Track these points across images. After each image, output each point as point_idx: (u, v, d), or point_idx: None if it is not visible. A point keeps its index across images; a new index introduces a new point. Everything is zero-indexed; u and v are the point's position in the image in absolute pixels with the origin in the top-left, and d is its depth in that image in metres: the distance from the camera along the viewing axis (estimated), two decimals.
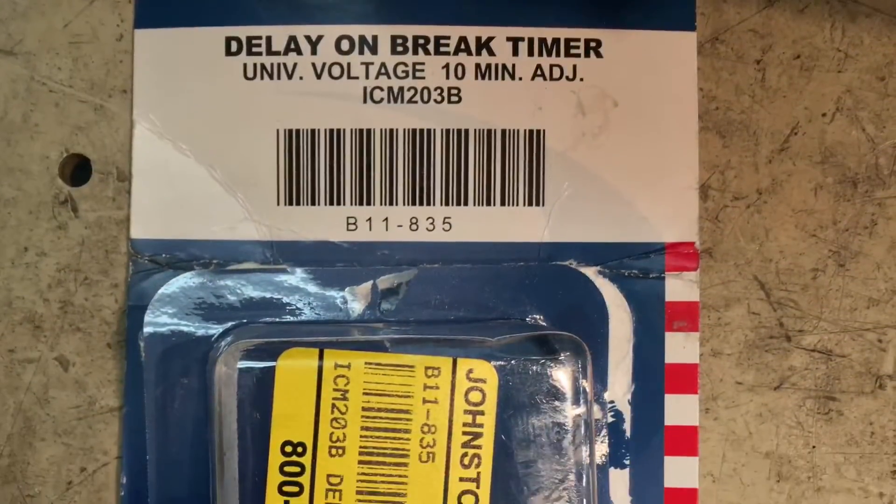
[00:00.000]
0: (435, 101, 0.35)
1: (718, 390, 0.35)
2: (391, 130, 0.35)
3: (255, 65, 0.35)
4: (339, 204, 0.35)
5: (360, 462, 0.34)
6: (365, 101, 0.35)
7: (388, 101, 0.35)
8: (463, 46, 0.35)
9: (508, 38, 0.35)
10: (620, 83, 0.35)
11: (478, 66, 0.35)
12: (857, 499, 0.34)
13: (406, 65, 0.35)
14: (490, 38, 0.35)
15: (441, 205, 0.35)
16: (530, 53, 0.35)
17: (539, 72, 0.35)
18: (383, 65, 0.35)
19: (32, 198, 0.35)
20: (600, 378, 0.34)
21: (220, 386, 0.34)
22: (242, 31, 0.35)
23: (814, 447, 0.35)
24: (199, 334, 0.34)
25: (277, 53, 0.35)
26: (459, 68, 0.35)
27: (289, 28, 0.35)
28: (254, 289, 0.34)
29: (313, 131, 0.35)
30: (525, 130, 0.35)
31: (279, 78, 0.35)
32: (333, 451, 0.34)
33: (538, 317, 0.34)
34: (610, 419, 0.35)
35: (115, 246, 0.35)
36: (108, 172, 0.35)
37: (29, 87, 0.35)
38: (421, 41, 0.35)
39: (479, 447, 0.34)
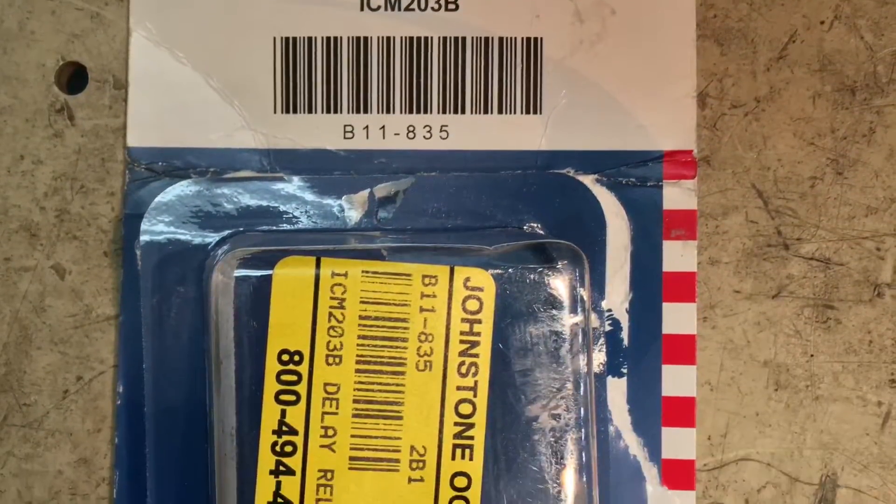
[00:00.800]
0: (432, 8, 0.34)
1: (716, 299, 0.35)
2: (388, 38, 0.34)
3: None
4: (336, 112, 0.35)
5: (358, 371, 0.34)
6: (362, 9, 0.35)
7: (386, 9, 0.35)
8: None
9: None
10: None
11: None
12: (856, 407, 0.34)
13: None
14: None
15: (438, 113, 0.35)
16: None
17: None
18: None
19: (28, 106, 0.35)
20: (598, 286, 0.34)
21: (216, 295, 0.34)
22: None
23: (812, 356, 0.35)
24: (195, 243, 0.34)
25: None
26: None
27: None
28: (251, 197, 0.34)
29: (310, 39, 0.34)
30: (522, 38, 0.35)
31: None
32: (330, 360, 0.34)
33: (536, 225, 0.34)
34: (607, 328, 0.34)
35: (112, 154, 0.35)
36: (104, 80, 0.35)
37: None
38: None
39: (476, 356, 0.34)
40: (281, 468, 0.34)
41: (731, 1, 0.34)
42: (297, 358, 0.34)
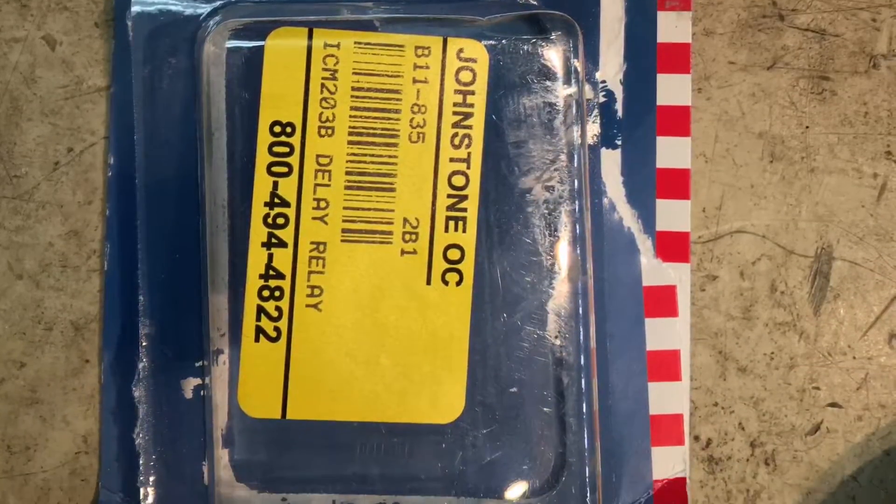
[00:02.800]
0: None
1: (711, 70, 0.34)
2: None
3: None
4: None
5: (350, 142, 0.34)
6: None
7: None
8: None
9: None
10: None
11: None
12: (851, 179, 0.34)
13: None
14: None
15: None
16: None
17: None
18: None
19: None
20: (592, 58, 0.34)
21: (208, 66, 0.33)
22: None
23: (807, 127, 0.34)
24: (187, 13, 0.34)
25: None
26: None
27: None
28: None
29: None
30: None
31: None
32: (323, 132, 0.34)
33: None
34: (601, 99, 0.34)
35: None
36: None
37: None
38: None
39: (469, 127, 0.34)
40: (273, 240, 0.34)
41: None
42: (289, 129, 0.34)
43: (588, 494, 0.33)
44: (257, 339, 0.34)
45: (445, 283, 0.34)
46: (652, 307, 0.34)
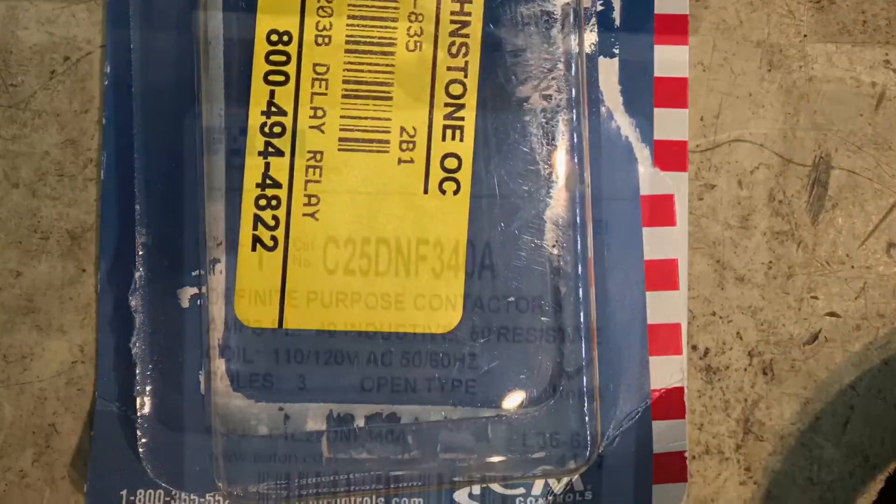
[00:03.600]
0: None
1: None
2: None
3: None
4: None
5: (347, 51, 0.33)
6: None
7: None
8: None
9: None
10: None
11: None
12: (849, 88, 0.34)
13: None
14: None
15: None
16: None
17: None
18: None
19: None
20: None
21: None
22: None
23: (805, 36, 0.34)
24: None
25: None
26: None
27: None
28: None
29: None
30: None
31: None
32: (320, 40, 0.33)
33: None
34: (599, 8, 0.34)
35: None
36: None
37: None
38: None
39: (466, 36, 0.34)
40: (269, 149, 0.33)
41: None
42: (285, 38, 0.33)
43: (586, 404, 0.33)
44: (254, 249, 0.33)
45: (443, 192, 0.34)
46: (650, 216, 0.34)
